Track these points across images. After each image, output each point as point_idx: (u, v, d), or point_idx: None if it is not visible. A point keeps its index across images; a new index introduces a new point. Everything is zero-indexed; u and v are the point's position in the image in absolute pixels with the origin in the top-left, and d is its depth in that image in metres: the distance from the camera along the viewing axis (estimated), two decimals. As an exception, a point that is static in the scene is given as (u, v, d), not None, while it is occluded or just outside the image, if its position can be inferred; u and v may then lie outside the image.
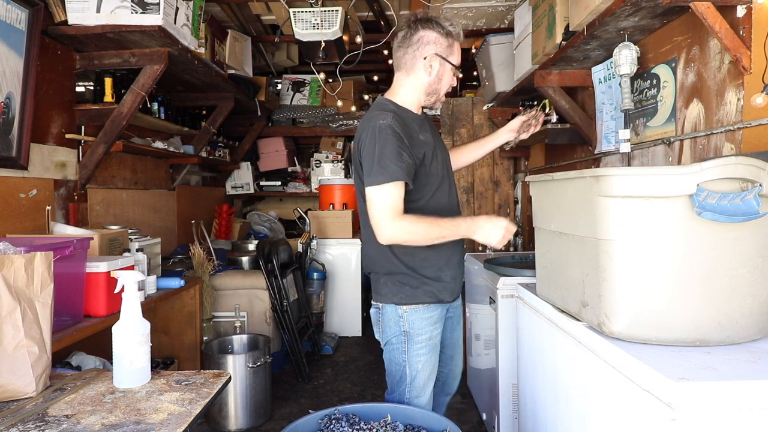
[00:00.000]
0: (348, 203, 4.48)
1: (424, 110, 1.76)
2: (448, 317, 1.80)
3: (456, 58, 1.63)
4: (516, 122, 1.93)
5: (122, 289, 1.21)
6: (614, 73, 2.09)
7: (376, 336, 1.74)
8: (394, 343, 1.65)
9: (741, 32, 1.60)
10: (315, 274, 3.94)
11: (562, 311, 1.43)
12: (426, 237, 1.51)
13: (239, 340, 2.92)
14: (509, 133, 1.93)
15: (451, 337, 1.85)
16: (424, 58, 1.59)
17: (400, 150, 1.49)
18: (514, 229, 1.55)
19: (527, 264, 2.31)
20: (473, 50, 3.90)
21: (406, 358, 1.63)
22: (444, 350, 1.81)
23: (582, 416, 1.30)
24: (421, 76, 1.62)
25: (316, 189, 4.91)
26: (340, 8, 3.06)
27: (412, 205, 1.58)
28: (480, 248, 4.04)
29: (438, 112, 4.32)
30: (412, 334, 1.63)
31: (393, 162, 1.47)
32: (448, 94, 1.77)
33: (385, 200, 1.47)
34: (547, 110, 2.06)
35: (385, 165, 1.47)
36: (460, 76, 1.70)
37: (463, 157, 1.97)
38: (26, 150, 2.11)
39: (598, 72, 2.41)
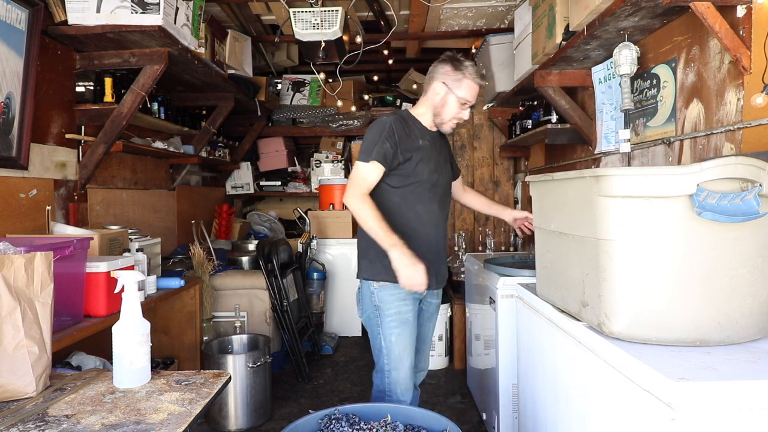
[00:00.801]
0: (348, 203, 4.47)
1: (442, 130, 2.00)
2: (420, 309, 1.95)
3: (462, 92, 1.85)
4: (521, 214, 2.22)
5: (122, 289, 1.21)
6: (614, 73, 2.09)
7: (358, 314, 1.94)
8: (371, 318, 1.88)
9: (741, 32, 1.60)
10: (315, 274, 3.94)
11: (562, 311, 1.43)
12: (367, 223, 1.74)
13: (239, 340, 2.92)
14: (512, 217, 2.25)
15: (420, 331, 1.98)
16: (433, 84, 1.89)
17: (386, 139, 1.79)
18: (423, 282, 1.70)
19: (527, 264, 2.31)
20: (473, 50, 3.90)
21: (380, 330, 1.85)
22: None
23: (582, 416, 1.30)
24: (430, 97, 1.92)
25: (316, 189, 4.91)
26: (340, 8, 3.06)
27: (389, 188, 1.85)
28: (479, 248, 4.04)
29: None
30: (382, 308, 1.84)
31: (375, 146, 1.78)
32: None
33: (361, 175, 1.79)
34: None
35: (369, 148, 1.79)
36: (465, 115, 1.91)
37: (469, 198, 2.30)
38: (26, 150, 2.11)
39: (598, 72, 2.41)
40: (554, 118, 2.86)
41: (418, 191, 1.87)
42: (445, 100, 1.88)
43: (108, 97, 2.57)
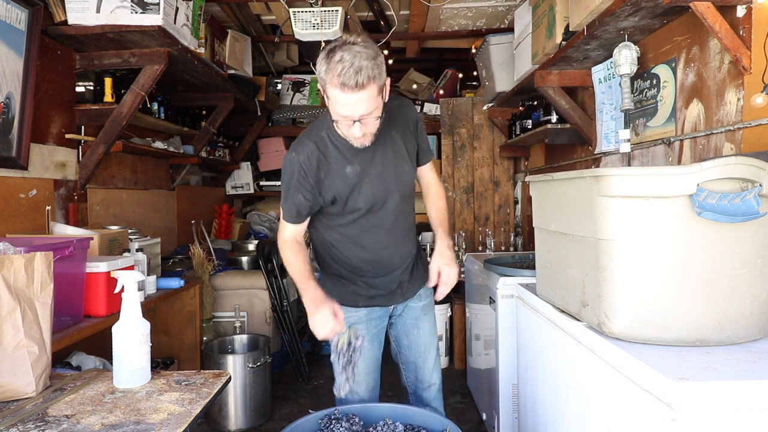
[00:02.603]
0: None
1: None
2: (399, 317, 1.76)
3: (331, 104, 1.37)
4: (438, 267, 1.66)
5: (122, 289, 1.21)
6: (614, 73, 2.09)
7: None
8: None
9: (741, 32, 1.60)
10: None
11: (562, 311, 1.43)
12: (292, 269, 1.59)
13: (239, 340, 2.92)
14: (434, 263, 1.68)
15: (408, 341, 1.76)
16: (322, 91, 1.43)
17: (296, 190, 1.52)
18: (331, 330, 1.49)
19: (527, 264, 2.31)
20: (473, 50, 3.90)
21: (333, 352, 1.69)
22: (403, 353, 1.78)
23: (582, 416, 1.30)
24: None
25: (316, 189, 4.90)
26: (340, 8, 3.06)
27: (326, 226, 1.65)
28: (479, 248, 4.04)
29: (439, 112, 4.32)
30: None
31: (287, 200, 1.55)
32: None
33: (281, 224, 1.61)
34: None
35: (284, 200, 1.57)
36: (356, 132, 1.40)
37: (427, 204, 1.81)
38: (26, 150, 2.11)
39: (598, 72, 2.41)
40: (554, 118, 2.86)
41: (361, 222, 1.58)
42: (328, 104, 1.41)
43: (108, 97, 2.57)
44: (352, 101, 1.33)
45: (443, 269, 1.64)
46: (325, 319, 1.48)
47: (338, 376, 1.61)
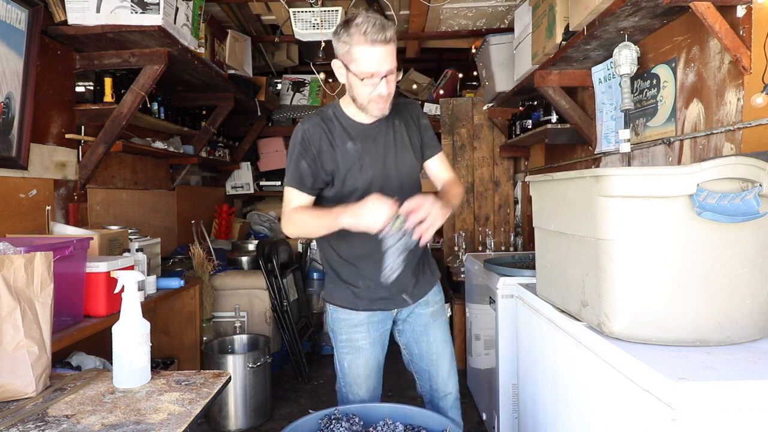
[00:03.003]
0: (348, 203, 4.47)
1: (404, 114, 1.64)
2: (406, 323, 1.70)
3: (358, 65, 1.41)
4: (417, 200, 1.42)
5: (122, 289, 1.21)
6: (614, 73, 2.09)
7: None
8: (331, 338, 1.72)
9: (741, 32, 1.60)
10: (315, 274, 3.93)
11: (562, 311, 1.43)
12: (307, 229, 1.52)
13: (239, 340, 2.92)
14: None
15: (418, 349, 1.71)
16: (333, 65, 1.52)
17: (300, 157, 1.52)
18: (386, 211, 1.33)
19: (527, 264, 2.31)
20: (473, 50, 3.90)
21: (335, 353, 1.70)
22: (415, 361, 1.74)
23: (582, 416, 1.30)
24: (341, 82, 1.54)
25: (316, 189, 4.91)
26: (340, 8, 3.06)
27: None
28: (479, 248, 4.04)
29: (439, 112, 4.32)
30: (335, 332, 1.68)
31: (291, 167, 1.54)
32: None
33: (285, 201, 1.56)
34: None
35: (287, 168, 1.55)
36: (382, 90, 1.44)
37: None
38: (26, 150, 2.11)
39: (598, 72, 2.41)
40: (554, 118, 2.86)
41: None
42: (349, 81, 1.47)
43: (108, 97, 2.57)
44: (381, 54, 1.40)
45: (419, 200, 1.36)
46: (374, 206, 1.34)
47: (390, 257, 1.40)
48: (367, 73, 1.41)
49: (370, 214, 1.35)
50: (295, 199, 1.54)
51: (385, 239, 1.39)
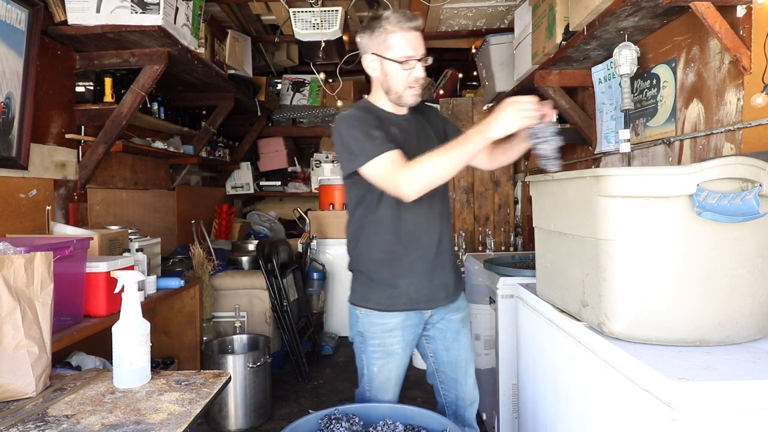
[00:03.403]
0: (348, 203, 4.48)
1: (425, 110, 1.74)
2: (437, 329, 1.69)
3: (396, 51, 1.50)
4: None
5: (122, 289, 1.21)
6: (614, 73, 2.09)
7: (349, 337, 1.74)
8: (356, 342, 1.68)
9: (741, 32, 1.61)
10: (315, 274, 3.93)
11: (562, 311, 1.43)
12: (446, 163, 1.38)
13: (239, 340, 2.92)
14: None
15: (448, 356, 1.70)
16: (365, 61, 1.59)
17: (368, 127, 1.48)
18: (531, 103, 1.31)
19: (527, 264, 2.31)
20: (473, 50, 3.90)
21: (364, 357, 1.65)
22: (442, 370, 1.72)
23: (582, 416, 1.30)
24: (372, 77, 1.61)
25: (316, 189, 4.91)
26: (340, 8, 3.06)
27: (374, 199, 1.56)
28: (479, 248, 4.04)
29: (440, 106, 4.31)
30: (366, 336, 1.63)
31: (367, 139, 1.45)
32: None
33: (380, 169, 1.44)
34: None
35: (361, 146, 1.45)
36: (419, 73, 1.53)
37: (495, 160, 1.74)
38: (26, 150, 2.11)
39: (598, 72, 2.41)
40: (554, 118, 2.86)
41: (388, 199, 1.55)
42: (384, 71, 1.54)
43: (108, 97, 2.57)
44: (416, 37, 1.52)
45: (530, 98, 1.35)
46: (520, 103, 1.31)
47: (547, 148, 1.38)
48: (405, 56, 1.51)
49: (520, 110, 1.31)
50: (394, 158, 1.43)
51: (539, 132, 1.38)
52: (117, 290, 1.23)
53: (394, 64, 1.51)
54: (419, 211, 1.59)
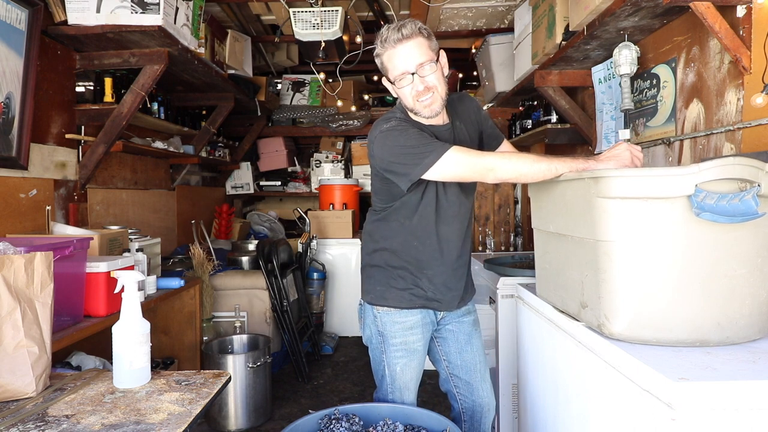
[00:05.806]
0: (348, 203, 4.48)
1: (454, 120, 1.63)
2: (449, 331, 1.69)
3: (390, 72, 1.47)
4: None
5: (122, 289, 1.21)
6: (614, 73, 2.09)
7: (360, 332, 1.71)
8: (374, 343, 1.65)
9: (741, 32, 1.61)
10: (315, 274, 3.93)
11: (562, 312, 1.43)
12: (535, 168, 1.33)
13: (239, 340, 2.92)
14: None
15: (461, 359, 1.69)
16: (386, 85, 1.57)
17: (420, 133, 1.44)
18: (629, 156, 1.30)
19: (527, 264, 2.31)
20: (473, 50, 3.90)
21: (384, 358, 1.63)
22: (456, 374, 1.72)
23: (582, 416, 1.30)
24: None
25: (316, 189, 4.91)
26: (340, 8, 3.06)
27: (402, 207, 1.55)
28: (480, 248, 4.04)
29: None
30: (386, 336, 1.61)
31: (428, 143, 1.40)
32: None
33: (456, 158, 1.37)
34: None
35: (425, 149, 1.39)
36: (418, 86, 1.46)
37: None
38: (26, 150, 2.11)
39: (598, 72, 2.42)
40: (554, 118, 2.86)
41: (430, 198, 1.55)
42: (394, 90, 1.51)
43: (108, 97, 2.57)
44: (403, 52, 1.42)
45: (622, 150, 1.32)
46: (622, 152, 1.30)
47: None
48: (398, 75, 1.45)
49: (622, 157, 1.29)
50: (463, 149, 1.39)
51: None
52: (117, 290, 1.23)
53: (395, 82, 1.47)
54: (452, 229, 1.59)
